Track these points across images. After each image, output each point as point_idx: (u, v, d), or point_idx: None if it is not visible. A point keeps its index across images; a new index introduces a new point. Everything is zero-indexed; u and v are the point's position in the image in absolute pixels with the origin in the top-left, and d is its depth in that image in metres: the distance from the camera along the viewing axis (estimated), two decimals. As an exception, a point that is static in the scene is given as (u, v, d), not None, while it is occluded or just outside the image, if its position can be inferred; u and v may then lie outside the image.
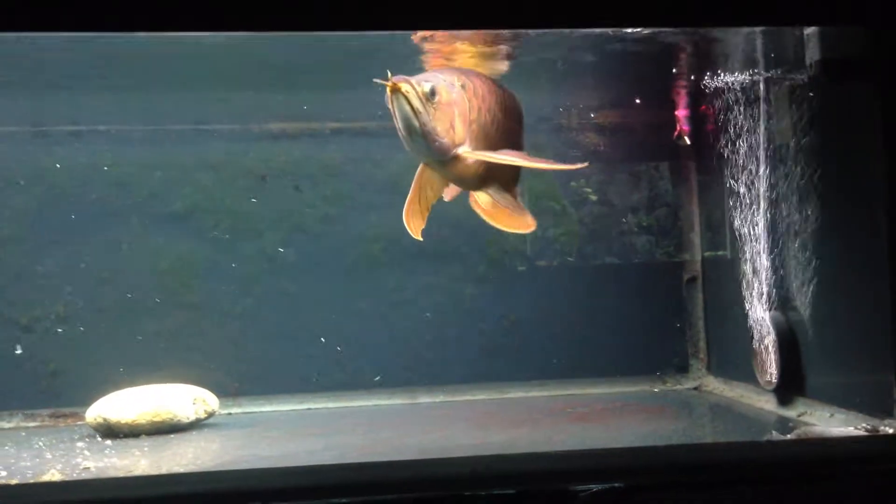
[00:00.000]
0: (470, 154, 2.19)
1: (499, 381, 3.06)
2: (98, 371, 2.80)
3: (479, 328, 3.06)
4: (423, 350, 3.04)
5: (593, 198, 3.12)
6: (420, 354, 3.04)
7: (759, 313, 2.56)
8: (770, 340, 2.50)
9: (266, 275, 2.98)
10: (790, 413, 2.46)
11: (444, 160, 2.19)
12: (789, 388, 2.48)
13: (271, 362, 2.96)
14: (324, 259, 3.01)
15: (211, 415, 2.67)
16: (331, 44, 2.28)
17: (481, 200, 2.42)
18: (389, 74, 2.04)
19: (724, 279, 2.92)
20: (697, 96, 2.98)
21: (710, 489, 1.93)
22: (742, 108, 2.65)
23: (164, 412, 2.55)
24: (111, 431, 2.52)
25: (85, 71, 2.61)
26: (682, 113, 3.07)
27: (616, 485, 1.88)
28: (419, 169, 2.29)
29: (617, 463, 1.96)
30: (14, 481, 1.93)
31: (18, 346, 2.85)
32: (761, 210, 2.59)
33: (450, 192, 2.41)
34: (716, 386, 3.03)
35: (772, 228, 2.56)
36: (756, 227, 2.61)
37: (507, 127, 2.36)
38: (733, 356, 2.90)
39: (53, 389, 2.85)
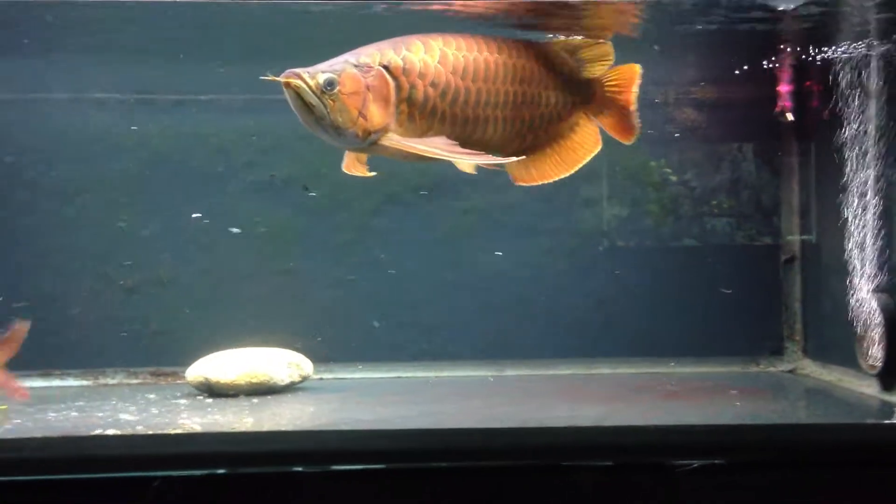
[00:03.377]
0: (389, 142, 2.03)
1: (586, 356, 3.04)
2: (196, 333, 2.88)
3: (567, 303, 3.05)
4: (511, 323, 3.04)
5: (673, 178, 3.06)
6: (508, 327, 3.04)
7: (865, 296, 2.48)
8: (876, 324, 2.42)
9: (360, 243, 3.02)
10: (893, 398, 2.39)
11: (361, 148, 2.08)
12: (894, 372, 2.41)
13: (362, 330, 3.01)
14: (416, 230, 3.03)
15: (305, 379, 2.73)
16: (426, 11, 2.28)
17: (463, 167, 2.27)
18: (269, 75, 1.98)
19: (824, 260, 2.84)
20: (802, 70, 2.89)
21: (812, 469, 1.90)
22: (852, 83, 2.56)
23: (261, 374, 2.62)
24: (211, 390, 2.60)
25: (190, 39, 2.67)
26: (784, 88, 2.98)
27: (716, 461, 1.87)
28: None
29: (717, 440, 1.95)
30: (125, 433, 2.01)
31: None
32: (869, 190, 2.50)
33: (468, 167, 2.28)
34: (812, 369, 2.96)
35: (881, 209, 2.47)
36: (863, 208, 2.52)
37: (503, 93, 2.15)
38: (832, 339, 2.83)
39: (155, 349, 2.96)
